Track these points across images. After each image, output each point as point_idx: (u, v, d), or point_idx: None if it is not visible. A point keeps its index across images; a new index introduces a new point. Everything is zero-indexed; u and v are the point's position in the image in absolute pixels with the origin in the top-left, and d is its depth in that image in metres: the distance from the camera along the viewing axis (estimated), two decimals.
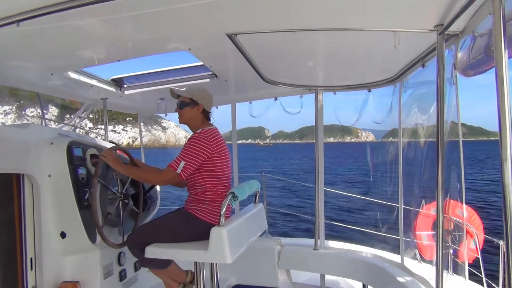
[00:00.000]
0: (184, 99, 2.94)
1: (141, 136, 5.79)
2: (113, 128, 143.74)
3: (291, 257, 4.23)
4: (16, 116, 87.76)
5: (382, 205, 5.42)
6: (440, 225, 2.42)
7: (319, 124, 4.27)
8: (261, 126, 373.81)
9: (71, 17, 2.06)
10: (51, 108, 5.29)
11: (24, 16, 1.90)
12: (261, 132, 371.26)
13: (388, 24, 2.37)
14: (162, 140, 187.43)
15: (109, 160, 2.88)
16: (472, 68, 2.23)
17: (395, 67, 3.48)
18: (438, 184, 2.39)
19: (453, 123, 2.60)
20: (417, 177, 4.02)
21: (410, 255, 3.89)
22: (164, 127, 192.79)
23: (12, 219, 2.86)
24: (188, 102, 2.94)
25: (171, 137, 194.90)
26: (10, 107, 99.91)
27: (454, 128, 2.65)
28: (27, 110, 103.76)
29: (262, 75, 3.63)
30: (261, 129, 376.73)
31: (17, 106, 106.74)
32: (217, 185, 2.83)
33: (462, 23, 2.23)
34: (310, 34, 2.59)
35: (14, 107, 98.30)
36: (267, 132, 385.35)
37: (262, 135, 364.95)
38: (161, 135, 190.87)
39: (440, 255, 2.43)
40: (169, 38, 2.63)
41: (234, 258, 2.47)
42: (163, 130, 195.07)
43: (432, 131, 2.76)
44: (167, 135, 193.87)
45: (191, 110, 2.94)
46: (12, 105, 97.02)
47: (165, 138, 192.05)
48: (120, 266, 3.30)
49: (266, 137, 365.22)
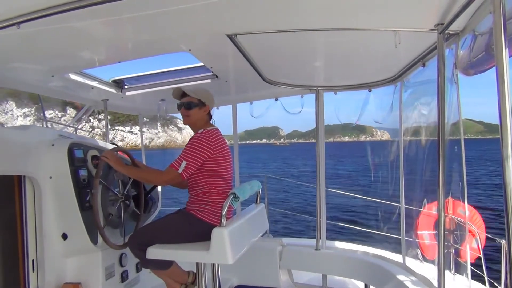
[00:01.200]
0: (192, 100, 2.92)
1: (142, 137, 5.79)
2: (130, 129, 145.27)
3: (292, 257, 4.22)
4: (35, 118, 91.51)
5: (384, 205, 5.41)
6: (442, 224, 2.42)
7: (320, 124, 4.26)
8: (275, 126, 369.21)
9: (72, 18, 2.06)
10: (69, 110, 5.24)
11: (25, 18, 1.91)
12: (275, 132, 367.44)
13: (388, 24, 2.37)
14: (178, 140, 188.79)
15: (110, 161, 2.88)
16: (473, 67, 2.23)
17: (396, 66, 3.47)
18: (439, 183, 2.38)
19: (453, 125, 2.60)
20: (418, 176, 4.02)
21: (412, 255, 3.88)
22: (180, 128, 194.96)
23: (13, 221, 2.87)
24: (196, 103, 2.92)
25: (187, 138, 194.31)
26: (29, 109, 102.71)
27: (455, 131, 2.65)
28: (46, 112, 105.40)
29: (263, 76, 3.63)
30: (276, 129, 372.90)
31: (36, 108, 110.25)
32: (218, 186, 2.83)
33: (462, 22, 2.22)
34: (311, 34, 2.58)
35: (33, 109, 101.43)
36: (282, 131, 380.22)
37: (277, 134, 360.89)
38: (177, 135, 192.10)
39: (442, 254, 2.43)
40: (170, 39, 2.62)
41: (235, 258, 2.47)
42: (179, 131, 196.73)
43: (433, 130, 2.75)
44: (183, 135, 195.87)
45: (199, 111, 2.94)
46: (31, 107, 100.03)
47: (181, 138, 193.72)
48: (122, 267, 3.30)
49: (281, 136, 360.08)
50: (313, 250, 4.19)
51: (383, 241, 5.18)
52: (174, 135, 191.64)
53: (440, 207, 2.42)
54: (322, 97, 4.20)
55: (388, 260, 3.89)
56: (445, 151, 2.39)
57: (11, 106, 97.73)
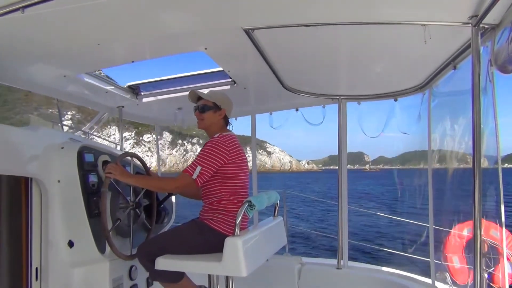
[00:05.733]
0: (207, 103, 2.83)
1: (158, 150, 5.66)
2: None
3: (312, 276, 4.01)
4: (135, 141, 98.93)
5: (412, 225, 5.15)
6: (478, 246, 2.20)
7: (342, 137, 4.09)
8: (360, 151, 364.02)
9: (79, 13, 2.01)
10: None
11: (30, 2, 1.82)
12: (360, 157, 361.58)
13: (417, 16, 2.21)
14: (267, 164, 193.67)
15: (115, 176, 2.72)
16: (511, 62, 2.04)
17: (424, 72, 3.29)
18: (475, 201, 2.18)
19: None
20: (448, 196, 3.79)
21: (440, 278, 3.63)
22: (269, 152, 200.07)
23: (19, 225, 2.78)
24: (210, 106, 2.83)
25: (276, 162, 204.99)
26: (129, 133, 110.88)
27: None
28: (144, 136, 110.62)
29: (282, 82, 3.50)
30: (361, 154, 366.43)
31: (136, 132, 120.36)
32: (233, 194, 2.71)
33: (499, 13, 2.06)
34: (332, 33, 2.46)
35: (133, 133, 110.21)
36: (367, 157, 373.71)
37: (362, 160, 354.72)
38: (267, 159, 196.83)
39: (478, 280, 2.20)
40: (183, 35, 2.53)
41: (250, 271, 2.32)
42: (268, 155, 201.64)
43: (466, 142, 2.54)
44: (272, 159, 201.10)
45: (214, 115, 2.84)
46: (132, 131, 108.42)
47: (270, 163, 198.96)
48: (131, 280, 3.14)
49: (366, 162, 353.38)
50: (335, 269, 3.98)
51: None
52: (263, 159, 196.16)
53: (476, 226, 2.20)
54: (345, 108, 4.05)
55: (417, 281, 3.63)
56: (481, 163, 2.19)
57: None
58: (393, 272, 3.95)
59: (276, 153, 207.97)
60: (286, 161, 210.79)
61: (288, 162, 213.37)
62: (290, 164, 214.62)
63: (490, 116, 2.32)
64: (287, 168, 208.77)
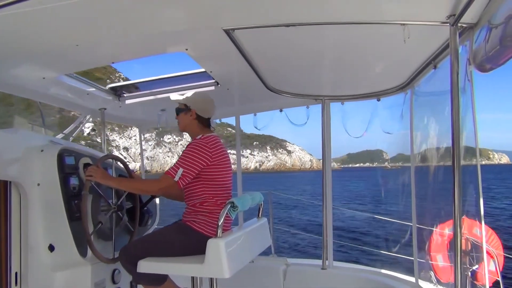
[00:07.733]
0: (180, 105, 2.88)
1: (142, 152, 5.60)
2: (242, 153, 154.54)
3: (297, 277, 4.01)
4: (156, 143, 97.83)
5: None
6: (458, 244, 2.20)
7: (326, 138, 4.09)
8: (378, 149, 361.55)
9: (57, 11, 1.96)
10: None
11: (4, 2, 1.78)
12: (379, 155, 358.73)
13: (396, 16, 2.22)
14: (287, 164, 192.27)
15: (96, 178, 2.70)
16: (489, 61, 2.06)
17: (406, 72, 3.31)
18: (455, 199, 2.20)
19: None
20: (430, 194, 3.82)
21: (425, 277, 3.65)
22: (289, 151, 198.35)
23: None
24: (181, 108, 2.87)
25: (296, 161, 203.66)
26: (150, 134, 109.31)
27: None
28: (165, 137, 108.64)
29: (265, 82, 3.49)
30: (379, 152, 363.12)
31: (157, 133, 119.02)
32: (216, 196, 2.70)
33: (476, 12, 2.08)
34: (314, 34, 2.46)
35: (154, 134, 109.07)
36: (386, 155, 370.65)
37: (381, 158, 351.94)
38: (287, 158, 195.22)
39: (459, 277, 2.20)
40: (164, 35, 2.51)
41: (233, 272, 2.30)
42: (289, 154, 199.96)
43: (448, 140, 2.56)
44: (293, 158, 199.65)
45: (185, 116, 2.86)
46: (152, 132, 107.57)
47: (290, 162, 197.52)
48: (114, 284, 3.09)
49: (384, 160, 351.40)
50: (320, 270, 3.98)
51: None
52: (283, 158, 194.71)
53: (456, 224, 2.20)
54: (329, 108, 4.04)
55: (400, 281, 3.65)
56: (460, 160, 2.20)
57: None
58: (378, 271, 3.96)
59: (296, 152, 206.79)
60: (307, 159, 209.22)
61: (308, 161, 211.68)
62: (310, 162, 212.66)
63: (469, 114, 2.34)
64: (307, 166, 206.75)
